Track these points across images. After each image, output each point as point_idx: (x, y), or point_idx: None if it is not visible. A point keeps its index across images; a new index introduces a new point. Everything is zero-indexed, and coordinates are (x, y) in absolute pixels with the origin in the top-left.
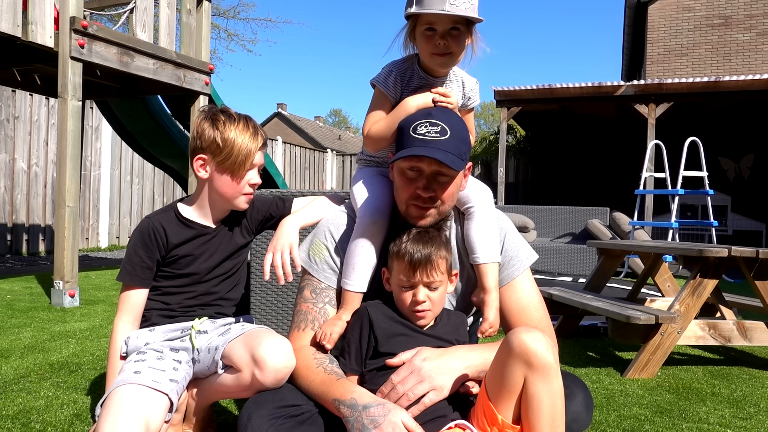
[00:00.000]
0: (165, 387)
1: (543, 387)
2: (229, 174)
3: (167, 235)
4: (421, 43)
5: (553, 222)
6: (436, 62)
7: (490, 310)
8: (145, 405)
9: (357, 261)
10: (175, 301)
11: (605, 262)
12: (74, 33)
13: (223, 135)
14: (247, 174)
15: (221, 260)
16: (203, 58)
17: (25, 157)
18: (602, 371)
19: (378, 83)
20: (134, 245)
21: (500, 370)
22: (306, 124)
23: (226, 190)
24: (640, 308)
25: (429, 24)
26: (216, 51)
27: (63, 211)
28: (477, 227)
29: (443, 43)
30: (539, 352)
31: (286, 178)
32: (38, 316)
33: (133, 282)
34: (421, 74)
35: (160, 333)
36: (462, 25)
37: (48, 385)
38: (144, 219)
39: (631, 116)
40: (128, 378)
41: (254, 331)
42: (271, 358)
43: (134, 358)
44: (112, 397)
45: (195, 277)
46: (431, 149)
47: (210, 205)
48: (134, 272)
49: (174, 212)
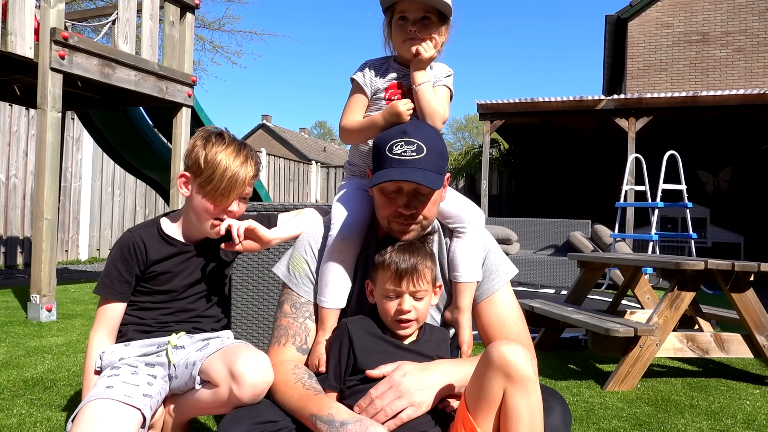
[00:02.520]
0: (137, 402)
1: (522, 399)
2: (208, 198)
3: (147, 250)
4: (395, 33)
5: (536, 234)
6: (406, 47)
7: (465, 331)
8: (117, 420)
9: (330, 278)
10: (151, 317)
11: (586, 274)
12: (54, 44)
13: (207, 156)
14: (228, 203)
15: (201, 278)
16: (186, 69)
17: (4, 169)
18: (582, 384)
19: (354, 76)
20: (114, 259)
21: (479, 383)
22: (291, 135)
23: (199, 215)
24: (620, 321)
25: (402, 12)
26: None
27: (41, 223)
28: (464, 247)
29: (413, 29)
30: (518, 365)
31: (270, 191)
32: (14, 330)
33: (110, 296)
34: (396, 67)
35: (135, 348)
36: (433, 15)
37: (21, 403)
38: (125, 233)
39: (612, 130)
40: (100, 393)
41: (232, 346)
42: (248, 373)
43: (108, 373)
44: (83, 412)
45: (173, 294)
46: (409, 170)
47: (190, 224)
48: (112, 286)
49: (156, 228)
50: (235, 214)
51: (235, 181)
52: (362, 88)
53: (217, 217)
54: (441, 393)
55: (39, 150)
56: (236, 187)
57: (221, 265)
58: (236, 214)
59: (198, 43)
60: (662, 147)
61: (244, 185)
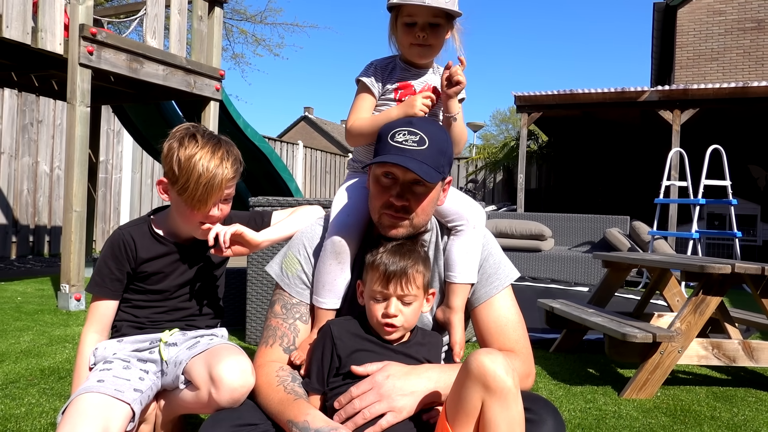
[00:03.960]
0: (127, 396)
1: (500, 412)
2: (187, 205)
3: (137, 248)
4: (401, 35)
5: (572, 230)
6: (414, 52)
7: (456, 331)
8: (105, 413)
9: (326, 279)
10: (144, 315)
11: (611, 274)
12: (83, 40)
13: (181, 162)
14: (208, 209)
15: (193, 277)
16: (214, 63)
17: (48, 161)
18: (598, 390)
19: (361, 77)
20: (104, 256)
21: (459, 393)
22: (332, 127)
23: (183, 218)
24: (639, 325)
25: (409, 15)
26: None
27: (70, 215)
28: (462, 246)
29: (422, 35)
30: (497, 375)
31: (307, 183)
32: (42, 319)
33: (102, 294)
34: (402, 66)
35: (128, 344)
36: (442, 18)
37: (34, 392)
38: (116, 230)
39: (656, 122)
40: (91, 386)
41: (216, 348)
42: (227, 377)
43: (100, 367)
44: (73, 404)
45: (165, 294)
46: (405, 158)
47: (178, 224)
48: (103, 284)
49: (147, 225)
50: (217, 218)
51: (211, 187)
52: (370, 89)
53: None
54: (425, 400)
55: (68, 144)
56: (213, 193)
57: (214, 263)
58: (218, 218)
59: (241, 36)
60: (709, 140)
61: (221, 189)
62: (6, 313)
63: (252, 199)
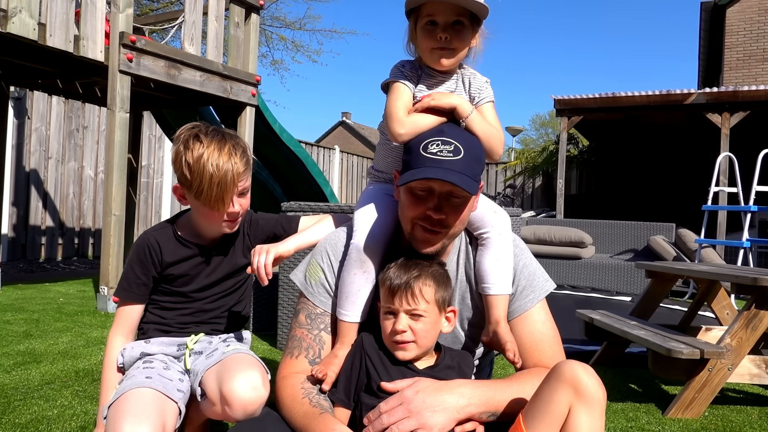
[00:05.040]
0: (174, 395)
1: (588, 420)
2: (206, 207)
3: (162, 252)
4: (421, 39)
5: (614, 237)
6: (435, 57)
7: (507, 340)
8: (161, 409)
9: (350, 290)
10: (171, 317)
11: (655, 285)
12: (123, 47)
13: (191, 166)
14: (226, 207)
15: (219, 279)
16: (250, 69)
17: (93, 165)
18: (641, 407)
19: (395, 77)
20: (131, 261)
21: (544, 397)
22: (370, 132)
23: (205, 220)
24: (685, 340)
25: (430, 16)
26: (283, 62)
27: (109, 218)
28: (492, 256)
29: (444, 37)
30: (591, 383)
31: (343, 188)
32: (82, 320)
33: (127, 298)
34: (426, 70)
35: (156, 345)
36: (466, 18)
37: (67, 394)
38: (141, 235)
39: (704, 126)
40: (141, 382)
41: (228, 360)
42: (237, 394)
43: (141, 365)
44: (128, 397)
45: (191, 296)
46: (445, 171)
47: (201, 225)
48: (129, 288)
49: (171, 229)
50: (238, 213)
51: (225, 185)
52: (407, 86)
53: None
54: (458, 418)
55: (108, 149)
56: (228, 190)
57: (240, 266)
58: (238, 213)
59: (280, 43)
60: (761, 145)
61: (235, 185)
62: (48, 313)
63: (284, 204)
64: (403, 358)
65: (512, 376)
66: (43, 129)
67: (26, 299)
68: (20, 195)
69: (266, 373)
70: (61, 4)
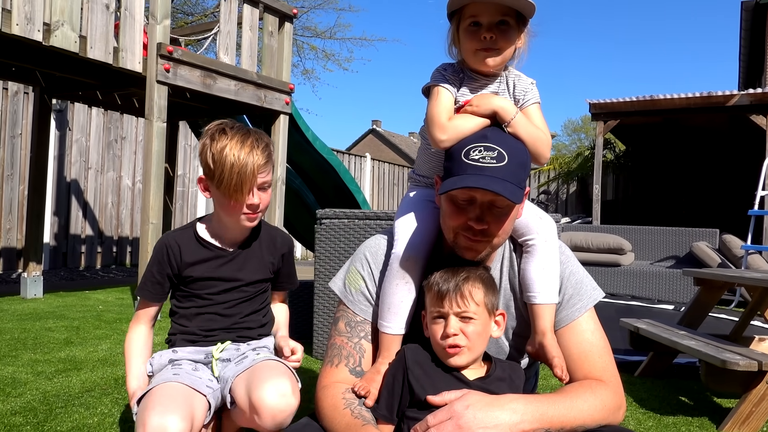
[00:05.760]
0: (203, 390)
1: None
2: (226, 197)
3: (181, 253)
4: (464, 42)
5: (654, 244)
6: (480, 58)
7: (554, 354)
8: (191, 401)
9: (393, 300)
10: (195, 325)
11: (704, 293)
12: (160, 58)
13: (214, 156)
14: (245, 198)
15: (240, 284)
16: (284, 78)
17: (131, 175)
18: (694, 421)
19: (436, 81)
20: (150, 261)
21: None
22: (400, 140)
23: (226, 211)
24: (740, 351)
25: (473, 17)
26: (314, 71)
27: (147, 227)
28: (537, 264)
29: (489, 37)
30: None
31: (375, 195)
32: (121, 327)
33: (143, 296)
34: (469, 73)
35: (184, 353)
36: (511, 18)
37: (107, 401)
38: (162, 236)
39: (747, 128)
40: (168, 378)
41: (257, 368)
42: (266, 402)
43: (170, 367)
44: (157, 391)
45: (210, 298)
46: (487, 179)
47: (222, 225)
48: (145, 287)
49: (192, 231)
50: (257, 206)
51: (245, 174)
52: (450, 91)
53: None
54: None
55: (146, 158)
56: (247, 180)
57: (261, 269)
58: (258, 206)
59: (311, 52)
60: None
61: (254, 176)
62: (87, 321)
63: (319, 212)
64: (455, 365)
65: (563, 389)
66: (83, 140)
67: (67, 307)
68: (61, 205)
69: (296, 381)
70: (101, 17)
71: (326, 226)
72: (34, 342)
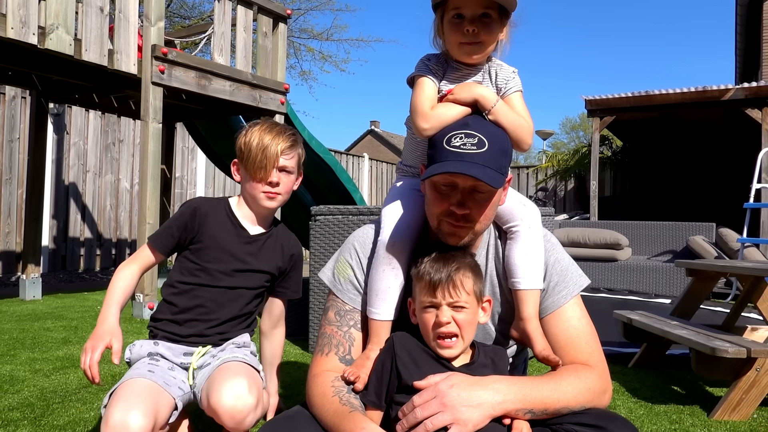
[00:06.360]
0: (173, 391)
1: None
2: (250, 174)
3: (208, 221)
4: (448, 34)
5: (651, 238)
6: (463, 51)
7: (537, 339)
8: (156, 398)
9: (380, 287)
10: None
11: (696, 284)
12: (155, 60)
13: (246, 140)
14: (267, 175)
15: (246, 269)
16: (279, 78)
17: (129, 178)
18: (685, 409)
19: (420, 72)
20: (174, 218)
21: None
22: (399, 140)
23: (249, 189)
24: (731, 339)
25: (457, 10)
26: (311, 72)
27: (144, 227)
28: (521, 249)
29: (472, 30)
30: None
31: (373, 193)
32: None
33: (153, 243)
34: (452, 63)
35: (163, 348)
36: (493, 11)
37: (104, 397)
38: (195, 199)
39: (743, 122)
40: (143, 373)
41: (218, 370)
42: (223, 405)
43: (148, 361)
44: (127, 386)
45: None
46: (468, 164)
47: (246, 207)
48: (159, 236)
49: (225, 204)
50: (278, 185)
51: (268, 153)
52: (433, 82)
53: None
54: (492, 414)
55: (142, 159)
56: (270, 158)
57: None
58: (278, 185)
59: (308, 54)
60: None
61: (277, 156)
62: (86, 321)
63: (314, 208)
64: (448, 356)
65: (549, 373)
66: (81, 143)
67: (65, 308)
68: (60, 208)
69: (256, 379)
70: (95, 20)
71: (321, 222)
72: (32, 341)
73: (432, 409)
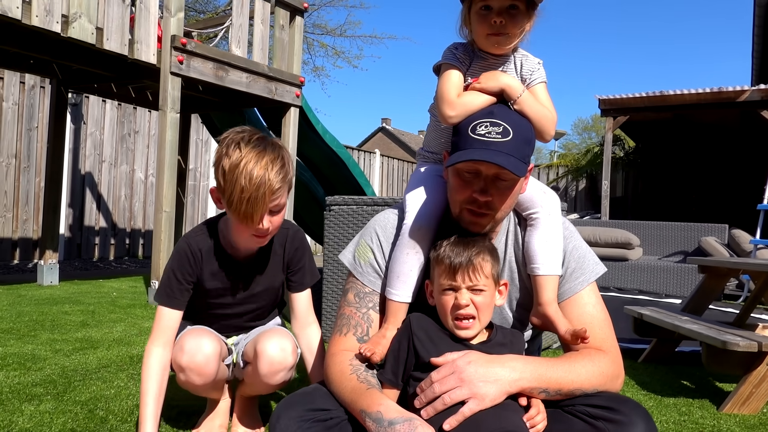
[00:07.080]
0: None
1: None
2: (236, 219)
3: (203, 261)
4: (475, 25)
5: (663, 239)
6: (491, 42)
7: (559, 320)
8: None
9: (402, 269)
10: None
11: (708, 281)
12: (174, 50)
13: (225, 174)
14: (255, 224)
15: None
16: (294, 71)
17: (143, 168)
18: (695, 402)
19: (447, 60)
20: (172, 267)
21: None
22: (410, 138)
23: (235, 229)
24: (741, 333)
25: (484, 1)
26: (324, 68)
27: (160, 215)
28: (541, 236)
29: (499, 21)
30: None
31: (384, 190)
32: (134, 312)
33: (170, 304)
34: (479, 53)
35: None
36: (521, 2)
37: (123, 376)
38: (182, 240)
39: (758, 124)
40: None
41: (268, 330)
42: (267, 350)
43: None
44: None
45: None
46: (492, 152)
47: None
48: (172, 294)
49: (214, 239)
50: (267, 231)
51: (255, 201)
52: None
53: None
54: (509, 390)
55: (159, 148)
56: (258, 207)
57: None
58: (268, 230)
59: (321, 49)
60: None
61: (265, 202)
62: (102, 306)
63: (328, 198)
64: (465, 337)
65: (564, 355)
66: (98, 133)
67: (82, 293)
68: (76, 197)
69: (297, 347)
70: (117, 10)
71: (335, 212)
72: (51, 323)
73: (450, 384)
